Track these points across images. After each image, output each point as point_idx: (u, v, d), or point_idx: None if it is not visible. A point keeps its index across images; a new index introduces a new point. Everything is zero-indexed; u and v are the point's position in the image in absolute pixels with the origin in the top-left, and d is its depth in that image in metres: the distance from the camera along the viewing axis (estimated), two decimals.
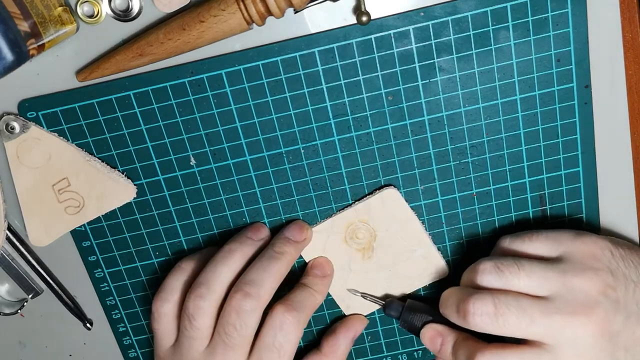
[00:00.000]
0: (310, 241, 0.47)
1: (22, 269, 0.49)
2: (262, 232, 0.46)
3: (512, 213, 0.47)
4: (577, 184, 0.46)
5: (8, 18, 0.34)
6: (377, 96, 0.43)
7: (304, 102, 0.43)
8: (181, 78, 0.43)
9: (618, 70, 0.43)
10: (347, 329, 0.48)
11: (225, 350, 0.42)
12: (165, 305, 0.44)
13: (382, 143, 0.45)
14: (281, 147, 0.45)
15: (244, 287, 0.42)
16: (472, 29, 0.41)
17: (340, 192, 0.46)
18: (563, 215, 0.47)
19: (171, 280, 0.45)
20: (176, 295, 0.44)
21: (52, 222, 0.46)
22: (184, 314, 0.43)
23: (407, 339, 0.51)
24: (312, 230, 0.47)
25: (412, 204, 0.46)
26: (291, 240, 0.45)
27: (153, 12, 0.41)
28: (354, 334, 0.48)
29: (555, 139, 0.45)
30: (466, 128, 0.44)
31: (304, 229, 0.46)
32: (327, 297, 0.49)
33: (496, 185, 0.46)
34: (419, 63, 0.42)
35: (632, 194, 0.47)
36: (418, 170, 0.45)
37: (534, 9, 0.41)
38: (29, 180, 0.45)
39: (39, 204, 0.46)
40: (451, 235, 0.48)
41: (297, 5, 0.38)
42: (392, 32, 0.41)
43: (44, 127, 0.44)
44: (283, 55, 0.42)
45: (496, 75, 0.43)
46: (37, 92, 0.43)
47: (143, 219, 0.47)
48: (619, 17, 0.42)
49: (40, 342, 0.52)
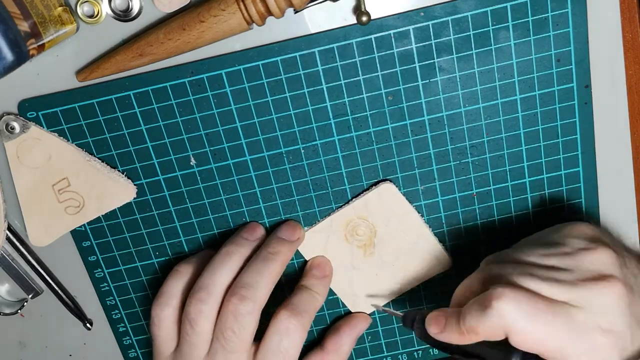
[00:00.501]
0: (303, 240, 0.47)
1: (22, 269, 0.49)
2: (258, 232, 0.46)
3: (513, 213, 0.47)
4: (577, 184, 0.46)
5: (8, 18, 0.34)
6: (377, 96, 0.43)
7: (304, 102, 0.43)
8: (181, 78, 0.43)
9: (618, 70, 0.43)
10: (351, 327, 0.48)
11: (225, 354, 0.42)
12: (165, 309, 0.44)
13: (382, 143, 0.45)
14: (281, 147, 0.45)
15: (240, 290, 0.41)
16: (472, 29, 0.41)
17: (340, 192, 0.46)
18: (563, 216, 0.47)
19: (170, 285, 0.44)
20: (175, 300, 0.44)
21: (52, 222, 0.46)
22: (185, 319, 0.42)
23: (407, 339, 0.51)
24: (304, 230, 0.47)
25: (412, 204, 0.46)
26: (284, 240, 0.45)
27: (153, 12, 0.41)
28: (357, 332, 0.48)
29: (555, 139, 0.45)
30: (466, 128, 0.44)
31: (297, 228, 0.46)
32: (330, 297, 0.49)
33: (496, 185, 0.46)
34: (419, 63, 0.42)
35: (632, 194, 0.47)
36: (418, 170, 0.45)
37: (534, 9, 0.41)
38: (29, 180, 0.45)
39: (39, 204, 0.46)
40: (451, 235, 0.48)
41: (297, 5, 0.38)
42: (392, 32, 0.41)
43: (44, 127, 0.44)
44: (283, 55, 0.42)
45: (496, 75, 0.43)
46: (37, 92, 0.43)
47: (143, 219, 0.47)
48: (619, 17, 0.42)
49: (40, 342, 0.52)
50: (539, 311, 0.35)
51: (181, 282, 0.44)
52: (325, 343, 0.48)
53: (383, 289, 0.49)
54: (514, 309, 0.35)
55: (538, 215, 0.47)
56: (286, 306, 0.43)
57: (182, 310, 0.43)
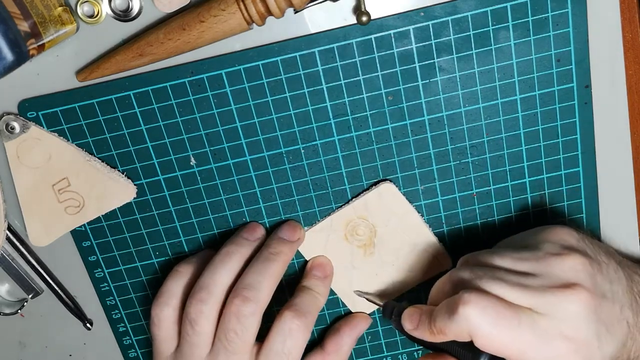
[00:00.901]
0: (303, 240, 0.47)
1: (22, 269, 0.49)
2: (258, 231, 0.46)
3: (513, 213, 0.47)
4: (577, 184, 0.46)
5: (8, 18, 0.34)
6: (377, 96, 0.43)
7: (304, 102, 0.43)
8: (181, 78, 0.43)
9: (618, 70, 0.43)
10: (352, 327, 0.48)
11: (227, 356, 0.42)
12: (165, 309, 0.44)
13: (382, 143, 0.45)
14: (281, 147, 0.45)
15: (243, 291, 0.41)
16: (472, 29, 0.41)
17: (340, 192, 0.46)
18: (563, 215, 0.47)
19: (170, 285, 0.44)
20: (175, 300, 0.44)
21: (52, 222, 0.46)
22: (185, 319, 0.42)
23: (407, 340, 0.51)
24: (304, 230, 0.47)
25: (413, 204, 0.46)
26: (285, 241, 0.45)
27: (153, 12, 0.41)
28: (358, 332, 0.48)
29: (555, 139, 0.45)
30: (466, 128, 0.44)
31: (297, 228, 0.46)
32: (330, 297, 0.49)
33: (496, 185, 0.46)
34: (419, 63, 0.42)
35: (632, 194, 0.47)
36: (418, 170, 0.45)
37: (534, 9, 0.41)
38: (29, 180, 0.45)
39: (39, 204, 0.46)
40: (451, 235, 0.48)
41: (297, 5, 0.38)
42: (392, 32, 0.41)
43: (44, 127, 0.44)
44: (283, 55, 0.42)
45: (496, 75, 0.43)
46: (37, 92, 0.43)
47: (143, 219, 0.47)
48: (619, 17, 0.42)
49: (40, 342, 0.52)
50: (503, 317, 0.36)
51: (181, 282, 0.44)
52: (325, 343, 0.48)
53: (383, 288, 0.49)
54: (478, 315, 0.36)
55: (538, 215, 0.47)
56: (289, 307, 0.43)
57: (182, 310, 0.43)
